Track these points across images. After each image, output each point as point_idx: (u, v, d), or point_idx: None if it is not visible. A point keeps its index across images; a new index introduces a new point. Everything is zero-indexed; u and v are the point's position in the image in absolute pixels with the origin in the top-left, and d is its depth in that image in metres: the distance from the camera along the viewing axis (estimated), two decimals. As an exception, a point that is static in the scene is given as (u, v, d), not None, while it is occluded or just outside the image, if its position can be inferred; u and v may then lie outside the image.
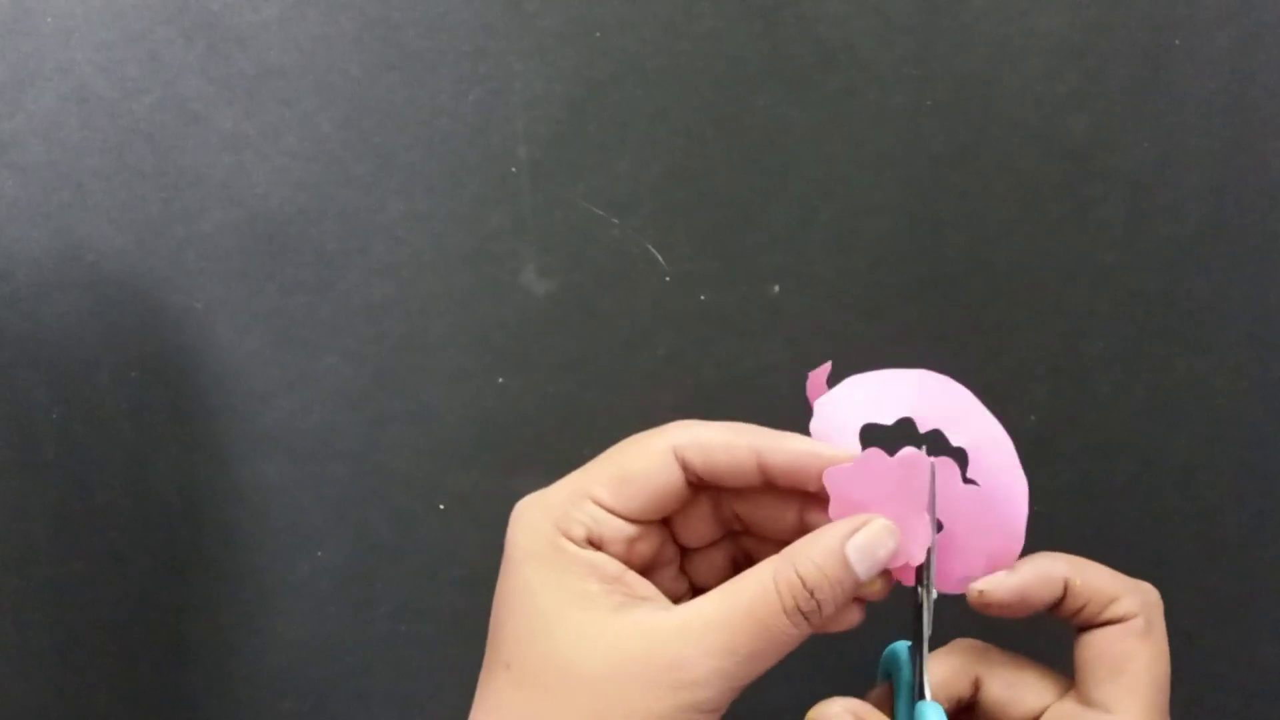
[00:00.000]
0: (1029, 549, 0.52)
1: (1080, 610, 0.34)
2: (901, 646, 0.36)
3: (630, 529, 0.33)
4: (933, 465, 0.33)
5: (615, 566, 0.32)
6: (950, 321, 0.51)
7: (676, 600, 0.35)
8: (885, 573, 0.33)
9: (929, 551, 0.33)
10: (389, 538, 0.51)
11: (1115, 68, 0.51)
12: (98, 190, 0.50)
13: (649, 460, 0.33)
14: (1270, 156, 0.51)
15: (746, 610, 0.30)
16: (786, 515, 0.34)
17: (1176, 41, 0.51)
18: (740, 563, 0.36)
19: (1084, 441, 0.51)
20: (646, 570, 0.34)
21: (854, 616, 0.34)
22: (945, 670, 0.35)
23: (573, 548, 0.32)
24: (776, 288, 0.51)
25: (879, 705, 0.35)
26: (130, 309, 0.50)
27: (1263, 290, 0.51)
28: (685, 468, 0.33)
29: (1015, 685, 0.35)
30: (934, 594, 0.34)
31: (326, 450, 0.50)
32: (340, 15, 0.50)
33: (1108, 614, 0.34)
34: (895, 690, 0.36)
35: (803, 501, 0.34)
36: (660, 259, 0.51)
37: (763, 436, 0.33)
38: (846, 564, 0.31)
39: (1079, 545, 0.50)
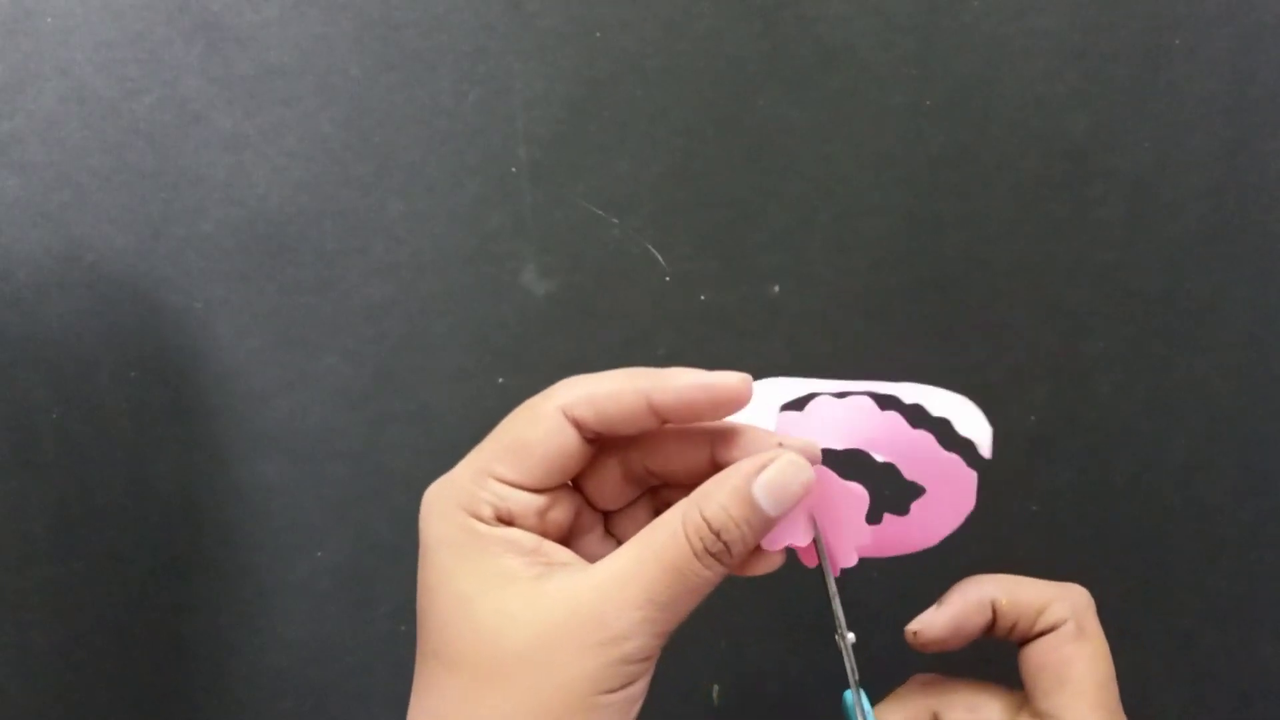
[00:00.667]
0: (1025, 548, 0.52)
1: (1013, 628, 0.35)
2: (848, 695, 0.36)
3: (538, 499, 0.32)
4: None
5: (530, 539, 0.32)
6: (950, 321, 0.51)
7: (591, 531, 0.35)
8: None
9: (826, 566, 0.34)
10: (389, 538, 0.51)
11: (1115, 68, 0.51)
12: (98, 190, 0.50)
13: (541, 426, 0.32)
14: (1270, 156, 0.51)
15: (657, 558, 0.30)
16: (698, 459, 0.33)
17: (1176, 41, 0.51)
18: (640, 478, 0.36)
19: (1084, 441, 0.51)
20: (568, 538, 0.34)
21: (774, 559, 0.34)
22: (902, 713, 0.36)
23: (483, 528, 0.31)
24: (776, 288, 0.51)
25: None
26: (130, 309, 0.50)
27: (1263, 290, 0.51)
28: (579, 426, 0.32)
29: (974, 709, 0.36)
30: (849, 638, 0.35)
31: (326, 450, 0.50)
32: (340, 15, 0.50)
33: (1039, 625, 0.34)
34: None
35: (710, 439, 0.33)
36: (660, 259, 0.51)
37: (649, 378, 0.32)
38: (753, 503, 0.30)
39: (1079, 545, 0.50)
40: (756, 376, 0.51)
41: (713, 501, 0.30)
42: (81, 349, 0.50)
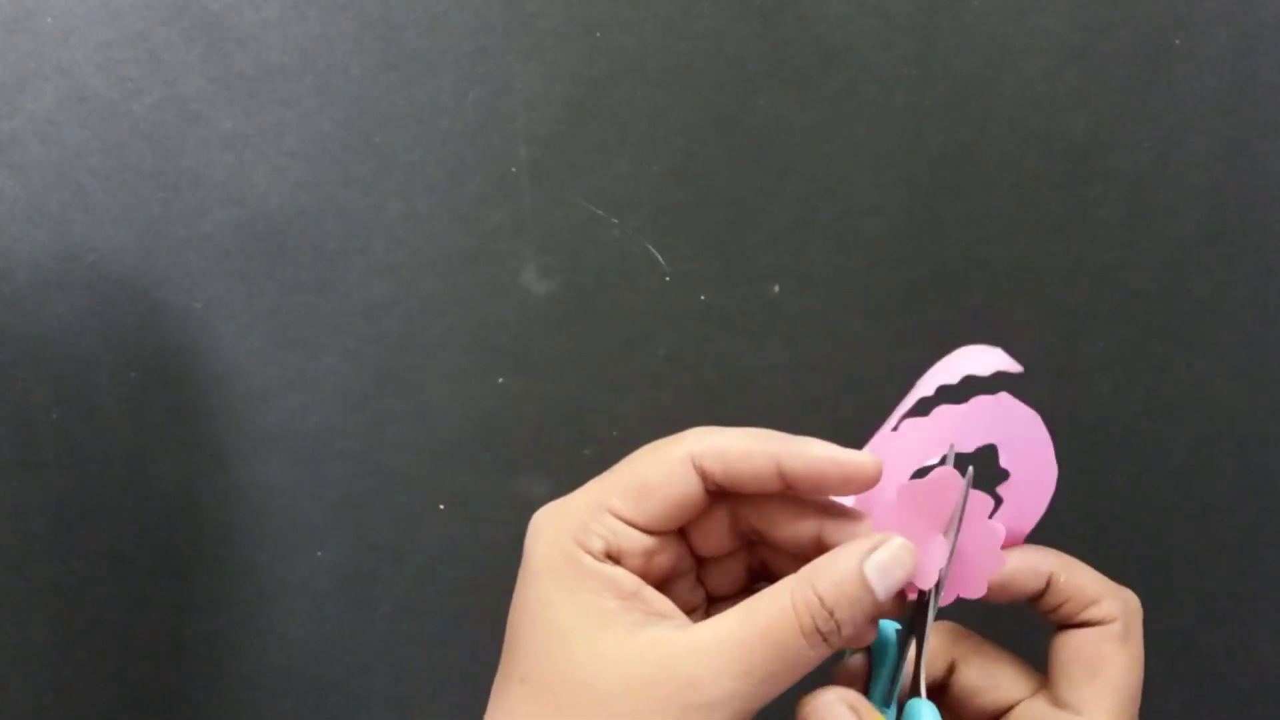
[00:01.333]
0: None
1: (1060, 607, 0.34)
2: (889, 627, 0.35)
3: (649, 541, 0.32)
4: (966, 487, 0.33)
5: (633, 582, 0.31)
6: (950, 321, 0.51)
7: (692, 610, 0.35)
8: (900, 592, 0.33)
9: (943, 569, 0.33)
10: (389, 538, 0.51)
11: (1115, 68, 0.51)
12: (98, 190, 0.50)
13: (667, 469, 0.32)
14: (1270, 156, 0.51)
15: (763, 631, 0.30)
16: (804, 528, 0.33)
17: (1176, 41, 0.51)
18: (757, 572, 0.35)
19: (1084, 441, 0.51)
20: (664, 582, 0.33)
21: (869, 635, 0.33)
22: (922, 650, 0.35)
23: (590, 561, 0.31)
24: (776, 288, 0.51)
25: (853, 679, 0.35)
26: (130, 309, 0.50)
27: (1263, 290, 0.51)
28: (704, 476, 0.32)
29: (991, 674, 0.35)
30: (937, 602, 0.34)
31: (326, 450, 0.50)
32: (340, 15, 0.50)
33: (1086, 614, 0.34)
34: (875, 667, 0.35)
35: (821, 515, 0.33)
36: (660, 259, 0.51)
37: (782, 443, 0.32)
38: (865, 583, 0.30)
39: (1079, 545, 0.50)
40: (756, 376, 0.51)
41: (826, 579, 0.30)
42: (81, 349, 0.50)
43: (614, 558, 0.32)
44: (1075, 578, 0.34)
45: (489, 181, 0.51)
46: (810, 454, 0.31)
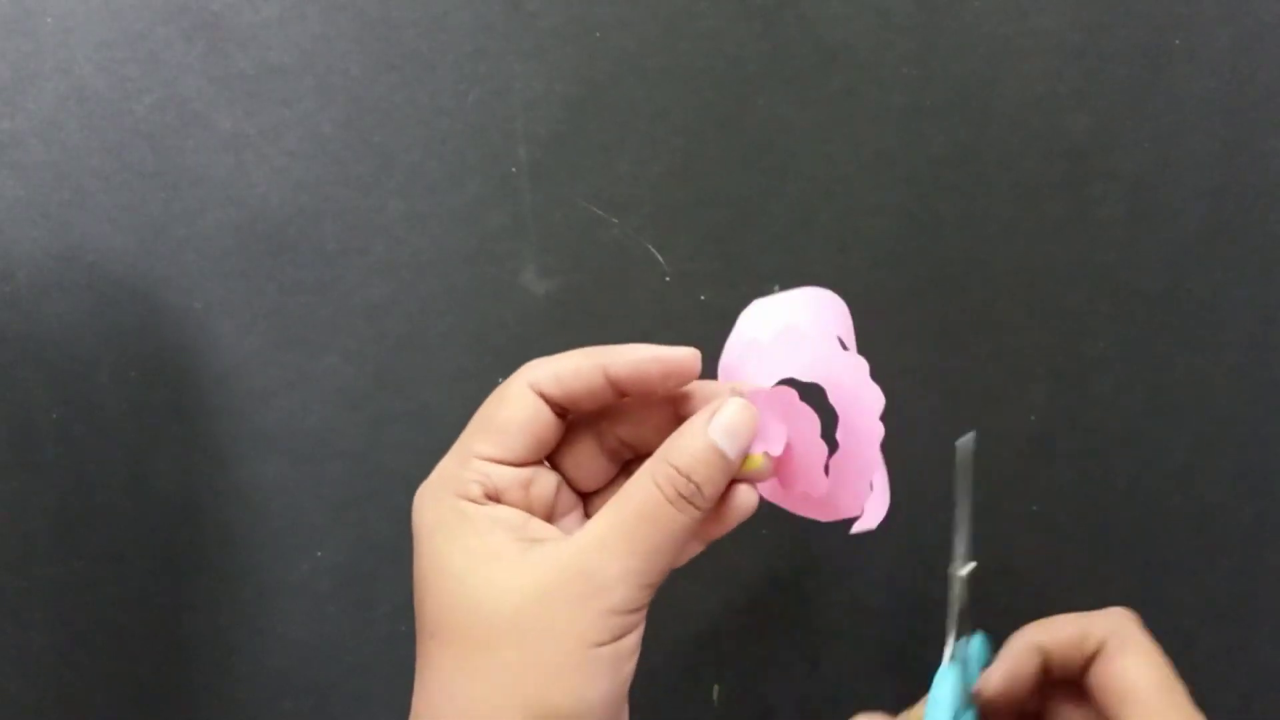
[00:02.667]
0: (1025, 548, 0.52)
1: (1067, 663, 0.36)
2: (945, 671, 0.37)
3: (521, 474, 0.34)
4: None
5: (517, 516, 0.33)
6: (950, 321, 0.51)
7: (570, 514, 0.36)
8: (769, 459, 0.34)
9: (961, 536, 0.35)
10: (389, 538, 0.51)
11: (1115, 68, 0.51)
12: (98, 190, 0.50)
13: (513, 403, 0.34)
14: (1270, 156, 0.51)
15: (635, 511, 0.32)
16: (664, 420, 0.35)
17: (1176, 41, 0.51)
18: (617, 453, 0.37)
19: (1084, 441, 0.51)
20: (550, 518, 0.35)
21: (747, 499, 0.34)
22: (1008, 661, 0.37)
23: (472, 508, 0.33)
24: (776, 288, 0.51)
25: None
26: (130, 309, 0.50)
27: (1263, 290, 0.51)
28: (548, 401, 0.34)
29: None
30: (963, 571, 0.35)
31: (326, 450, 0.50)
32: (340, 15, 0.50)
33: (1085, 651, 0.35)
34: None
35: (674, 404, 0.35)
36: (660, 259, 0.51)
37: (605, 354, 0.34)
38: (713, 445, 0.32)
39: (1079, 545, 0.50)
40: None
41: (677, 450, 0.32)
42: (81, 349, 0.50)
43: (494, 498, 0.33)
44: (1056, 631, 0.36)
45: (489, 181, 0.51)
46: (632, 355, 0.34)
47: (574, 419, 0.36)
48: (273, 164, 0.50)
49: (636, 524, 0.31)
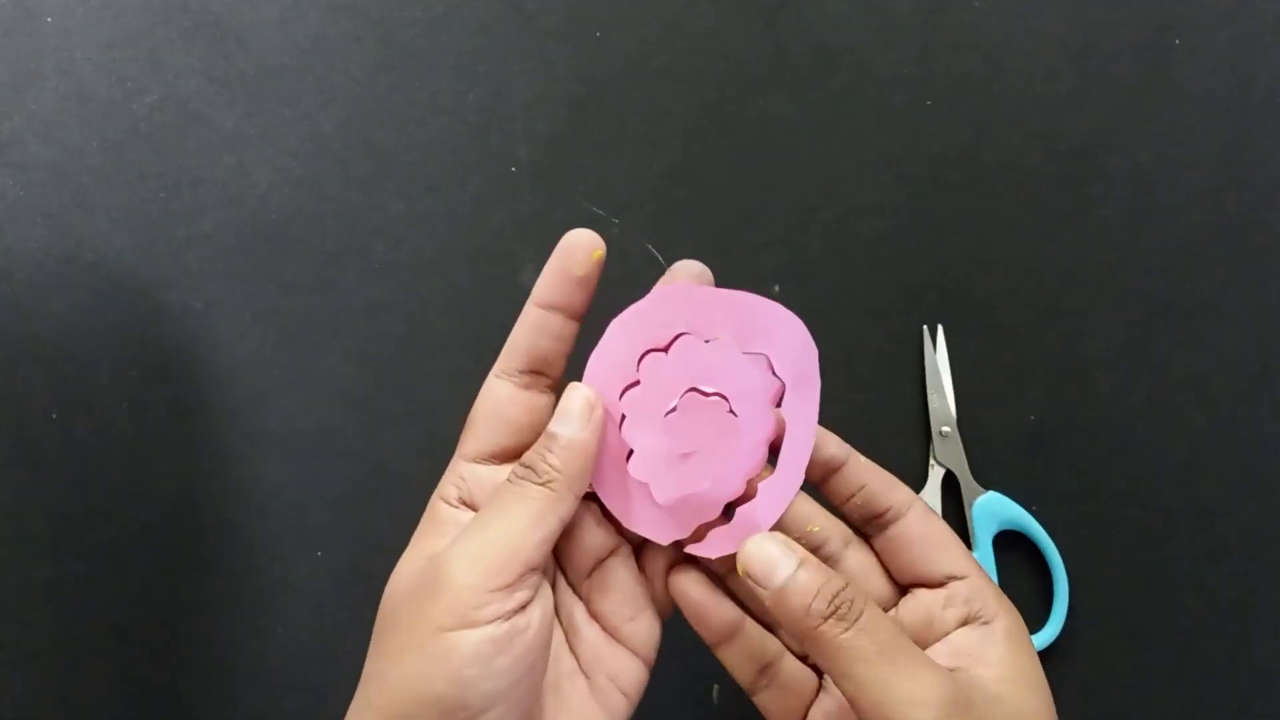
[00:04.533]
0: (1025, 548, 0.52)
1: (857, 493, 0.36)
2: None
3: (500, 471, 0.35)
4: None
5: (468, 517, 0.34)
6: (950, 321, 0.51)
7: None
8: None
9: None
10: (389, 538, 0.51)
11: (1115, 68, 0.51)
12: (98, 190, 0.50)
13: (481, 396, 0.36)
14: (1270, 156, 0.51)
15: (488, 499, 0.34)
16: None
17: (1176, 41, 0.51)
18: None
19: (1084, 441, 0.51)
20: None
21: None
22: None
23: (445, 509, 0.35)
24: (776, 288, 0.51)
25: None
26: (130, 309, 0.50)
27: (1263, 290, 0.51)
28: (518, 374, 0.36)
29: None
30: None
31: (326, 450, 0.50)
32: (340, 15, 0.50)
33: (889, 499, 0.35)
34: None
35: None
36: (660, 259, 0.51)
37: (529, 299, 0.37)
38: (550, 433, 0.34)
39: (1079, 545, 0.50)
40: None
41: (535, 443, 0.34)
42: (81, 349, 0.50)
43: (468, 503, 0.35)
44: (870, 463, 0.36)
45: (489, 181, 0.51)
46: (543, 277, 0.37)
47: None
48: (273, 164, 0.50)
49: (485, 507, 0.33)
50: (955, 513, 0.50)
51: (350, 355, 0.51)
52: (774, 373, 0.36)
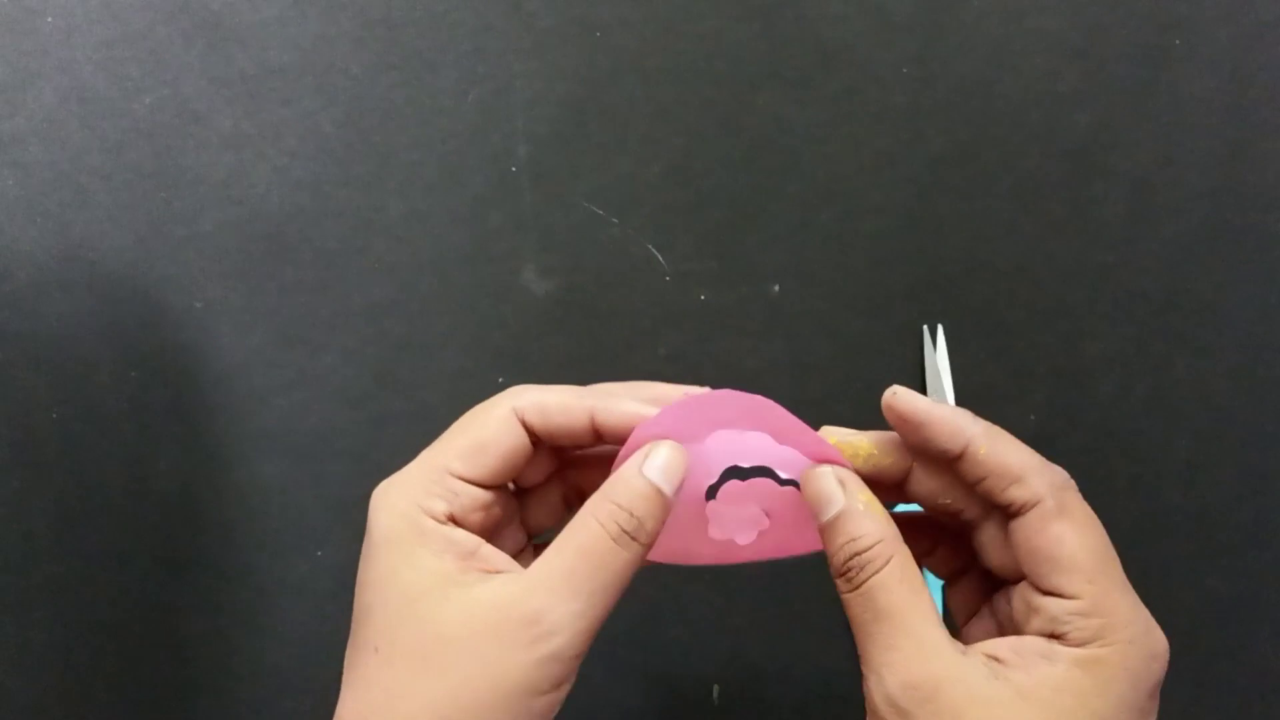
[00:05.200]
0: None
1: (981, 481, 0.34)
2: None
3: (486, 495, 0.34)
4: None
5: (472, 541, 0.34)
6: (950, 321, 0.51)
7: (519, 552, 0.37)
8: None
9: None
10: (389, 538, 0.51)
11: (1115, 68, 0.51)
12: (98, 190, 0.50)
13: (496, 426, 0.35)
14: (1270, 156, 0.51)
15: (577, 550, 0.32)
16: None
17: (1176, 41, 0.51)
18: (571, 500, 0.38)
19: (1084, 441, 0.51)
20: (496, 529, 0.36)
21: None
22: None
23: (433, 525, 0.33)
24: (776, 288, 0.51)
25: None
26: (130, 309, 0.50)
27: (1263, 290, 0.51)
28: (528, 429, 0.35)
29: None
30: None
31: (326, 450, 0.50)
32: (340, 15, 0.50)
33: (1010, 494, 0.33)
34: None
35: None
36: (660, 259, 0.51)
37: (596, 397, 0.35)
38: (650, 483, 0.33)
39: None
40: (756, 376, 0.51)
41: (617, 488, 0.33)
42: (81, 349, 0.50)
43: (455, 519, 0.34)
44: (998, 450, 0.34)
45: (489, 181, 0.51)
46: (621, 408, 0.34)
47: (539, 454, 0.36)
48: (273, 164, 0.50)
49: (582, 564, 0.32)
50: (955, 513, 0.50)
51: (350, 355, 0.51)
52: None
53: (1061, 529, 0.33)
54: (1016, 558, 0.34)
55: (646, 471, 0.33)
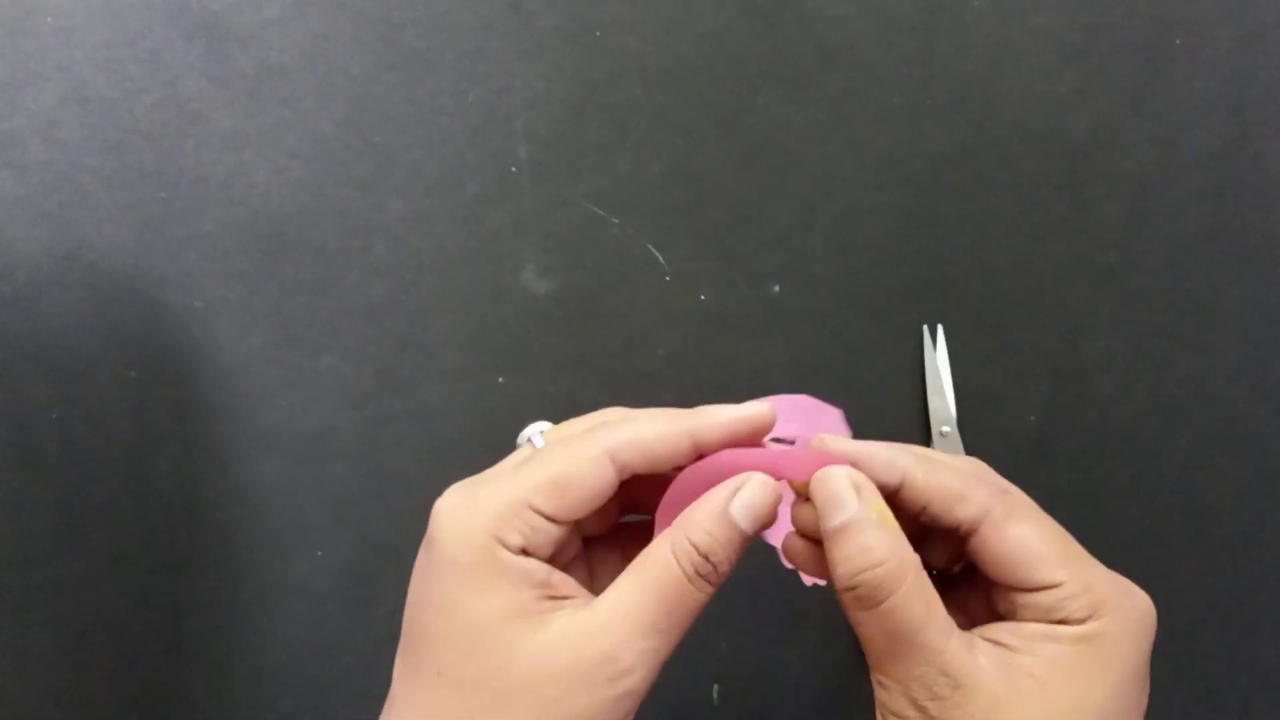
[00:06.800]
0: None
1: (925, 509, 0.33)
2: None
3: (561, 531, 0.33)
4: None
5: (543, 570, 0.33)
6: (950, 321, 0.51)
7: (573, 559, 0.36)
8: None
9: None
10: (389, 538, 0.51)
11: (1115, 68, 0.51)
12: (98, 190, 0.50)
13: (588, 468, 0.33)
14: (1270, 156, 0.51)
15: (654, 587, 0.32)
16: (680, 449, 0.35)
17: (1176, 41, 0.51)
18: (627, 506, 0.37)
19: (1084, 441, 0.51)
20: (564, 566, 0.35)
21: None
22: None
23: (507, 556, 0.32)
24: (776, 288, 0.51)
25: None
26: (130, 309, 0.50)
27: (1263, 290, 0.51)
28: (620, 469, 0.33)
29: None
30: None
31: (326, 450, 0.50)
32: (340, 15, 0.50)
33: (958, 514, 0.33)
34: None
35: (692, 438, 0.35)
36: (660, 259, 0.51)
37: (691, 418, 0.34)
38: (733, 524, 0.32)
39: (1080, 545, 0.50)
40: (756, 376, 0.51)
41: (697, 527, 0.32)
42: (81, 349, 0.50)
43: (528, 552, 0.33)
44: (936, 476, 0.33)
45: (489, 181, 0.51)
46: (720, 420, 0.33)
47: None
48: (273, 164, 0.50)
49: (657, 602, 0.32)
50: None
51: (350, 355, 0.51)
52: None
53: (1020, 530, 0.33)
54: (986, 573, 0.33)
55: (733, 510, 0.32)
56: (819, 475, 0.33)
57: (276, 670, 0.51)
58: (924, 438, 0.50)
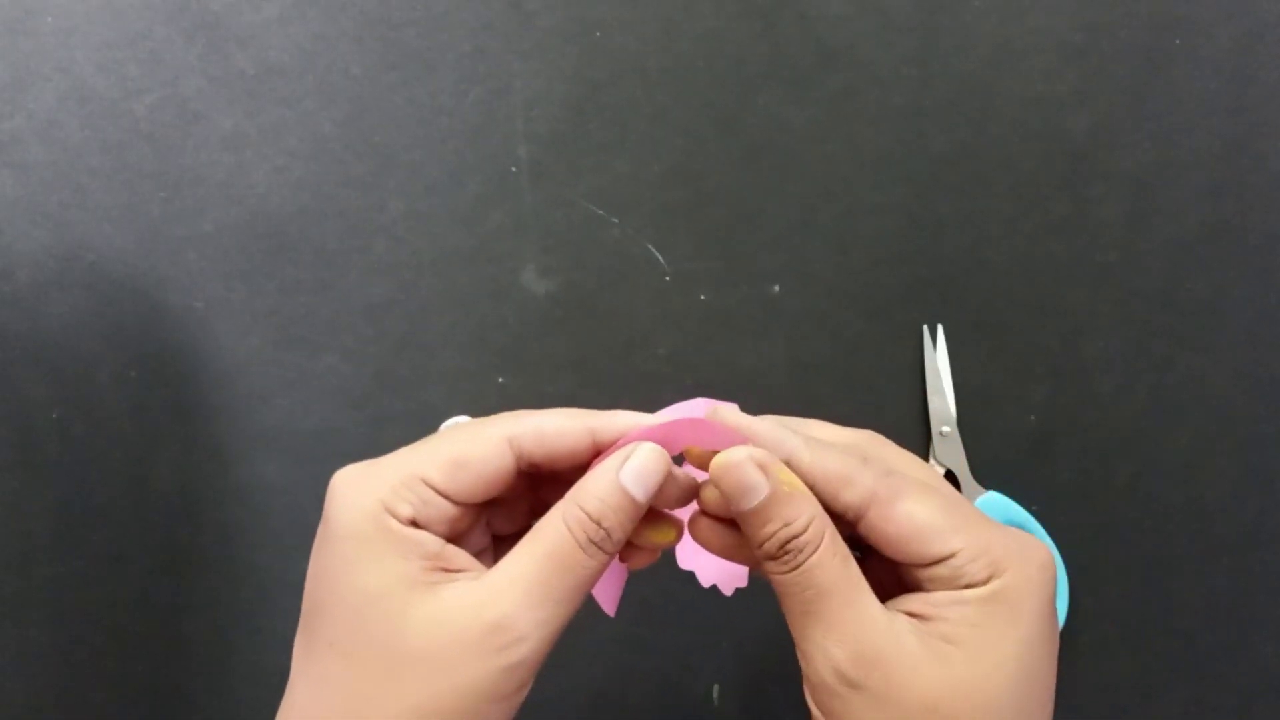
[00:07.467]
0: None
1: (813, 489, 0.33)
2: None
3: (454, 511, 0.34)
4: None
5: (436, 543, 0.33)
6: (950, 321, 0.51)
7: (482, 551, 0.36)
8: (675, 523, 0.35)
9: None
10: (389, 538, 0.51)
11: (1115, 68, 0.51)
12: (98, 190, 0.50)
13: (485, 448, 0.33)
14: (1270, 156, 0.51)
15: (546, 555, 0.32)
16: (578, 445, 0.35)
17: (1176, 41, 0.51)
18: (536, 509, 0.37)
19: (1084, 441, 0.51)
20: (459, 537, 0.35)
21: (650, 555, 0.36)
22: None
23: (397, 526, 0.32)
24: (776, 288, 0.51)
25: None
26: (130, 309, 0.50)
27: (1263, 290, 0.51)
28: (519, 456, 0.34)
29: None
30: None
31: (326, 450, 0.50)
32: (340, 15, 0.50)
33: (844, 500, 0.33)
34: None
35: (591, 432, 0.35)
36: (660, 259, 0.51)
37: (593, 417, 0.34)
38: (624, 490, 0.32)
39: (1079, 545, 0.50)
40: (756, 376, 0.51)
41: (588, 495, 0.32)
42: (81, 349, 0.50)
43: (419, 525, 0.33)
44: (821, 460, 0.33)
45: (489, 181, 0.51)
46: (620, 425, 0.34)
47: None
48: (273, 164, 0.50)
49: (549, 570, 0.32)
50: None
51: (350, 355, 0.51)
52: None
53: (907, 507, 0.33)
54: (883, 553, 0.33)
55: (622, 477, 0.32)
56: (721, 464, 0.32)
57: (276, 669, 0.51)
58: (924, 438, 0.50)
